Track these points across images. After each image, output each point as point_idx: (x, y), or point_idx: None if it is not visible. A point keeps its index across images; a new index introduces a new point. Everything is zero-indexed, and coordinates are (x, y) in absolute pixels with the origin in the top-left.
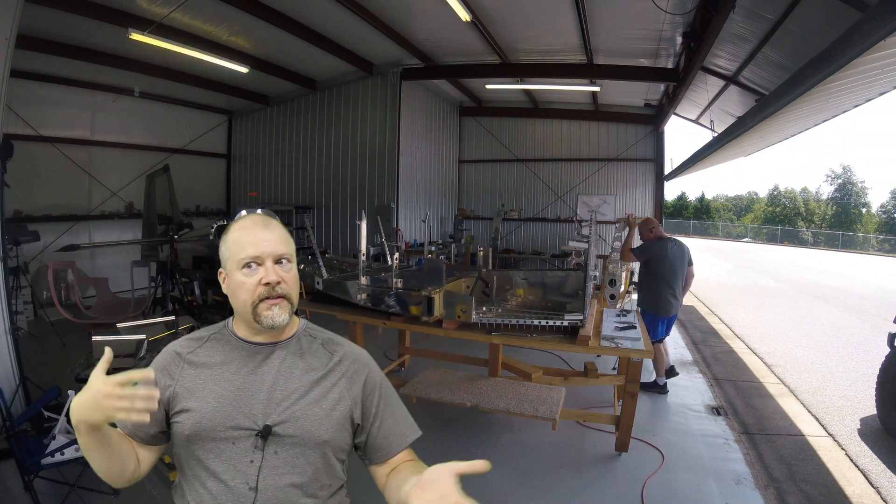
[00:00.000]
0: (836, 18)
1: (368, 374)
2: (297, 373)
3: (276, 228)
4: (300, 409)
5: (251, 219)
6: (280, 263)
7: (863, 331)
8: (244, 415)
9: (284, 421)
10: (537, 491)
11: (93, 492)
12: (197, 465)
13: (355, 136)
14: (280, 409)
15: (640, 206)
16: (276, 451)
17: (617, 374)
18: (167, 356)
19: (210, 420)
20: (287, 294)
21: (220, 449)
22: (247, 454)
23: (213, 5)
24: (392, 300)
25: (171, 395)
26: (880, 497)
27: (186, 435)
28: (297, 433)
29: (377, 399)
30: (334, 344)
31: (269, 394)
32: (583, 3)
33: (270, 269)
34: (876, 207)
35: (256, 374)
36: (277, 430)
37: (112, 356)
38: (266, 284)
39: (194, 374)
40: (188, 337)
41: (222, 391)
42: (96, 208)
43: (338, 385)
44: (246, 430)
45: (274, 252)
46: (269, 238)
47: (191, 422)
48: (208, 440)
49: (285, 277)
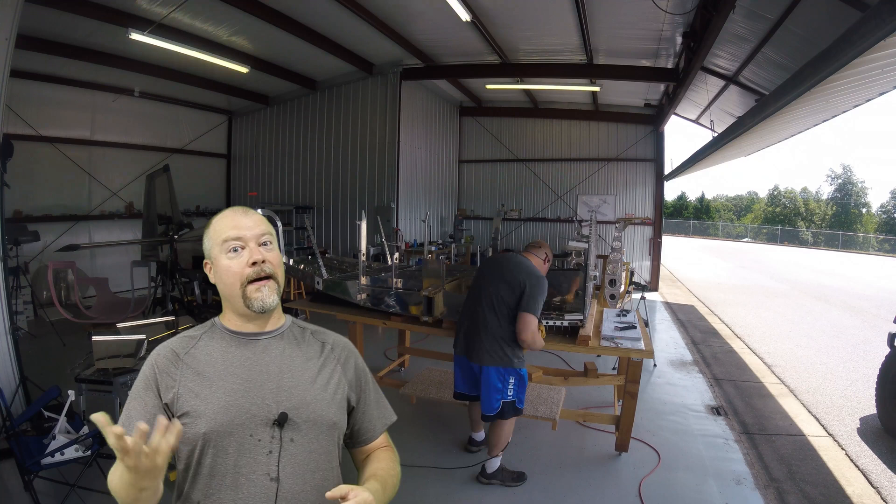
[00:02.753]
0: (836, 18)
1: (356, 360)
2: (298, 361)
3: (254, 215)
4: (311, 395)
5: (230, 209)
6: (264, 245)
7: (863, 331)
8: (258, 405)
9: (297, 407)
10: (537, 491)
11: (93, 492)
12: (213, 463)
13: (355, 136)
14: (291, 396)
15: (640, 206)
16: (292, 439)
17: (617, 374)
18: (166, 356)
19: (225, 415)
20: (273, 274)
21: (239, 443)
22: (265, 445)
23: (213, 5)
24: (392, 300)
25: (174, 397)
26: (880, 497)
27: (203, 433)
28: (311, 417)
29: (363, 384)
30: (321, 334)
31: (277, 382)
32: (583, 3)
33: (255, 249)
34: (876, 207)
35: (261, 365)
36: (293, 417)
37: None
38: (253, 264)
39: (196, 373)
40: (182, 335)
41: (231, 385)
42: (96, 208)
43: (335, 371)
44: (262, 419)
45: (256, 233)
46: (248, 222)
47: (205, 420)
48: (226, 435)
49: (269, 257)
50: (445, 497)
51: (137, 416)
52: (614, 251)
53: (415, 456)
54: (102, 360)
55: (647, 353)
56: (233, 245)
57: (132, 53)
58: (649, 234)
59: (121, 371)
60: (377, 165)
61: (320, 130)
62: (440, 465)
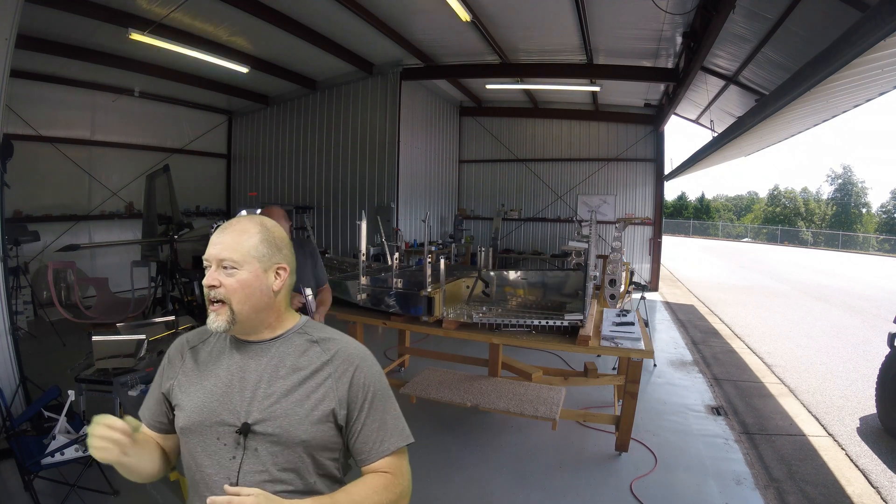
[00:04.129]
0: (836, 18)
1: (355, 373)
2: (283, 371)
3: (230, 234)
4: (281, 409)
5: (228, 221)
6: (224, 269)
7: (863, 331)
8: (228, 411)
9: (265, 419)
10: (537, 490)
11: (93, 492)
12: (189, 458)
13: (355, 136)
14: (262, 408)
15: (640, 206)
16: (256, 449)
17: (617, 374)
18: (178, 347)
19: (198, 414)
20: (225, 299)
21: (207, 444)
22: (229, 450)
23: (213, 5)
24: (392, 300)
25: (170, 388)
26: (880, 497)
27: (180, 427)
28: (276, 432)
29: (362, 401)
30: (329, 342)
31: (253, 391)
32: (583, 3)
33: (212, 273)
34: (876, 207)
35: (245, 372)
36: (256, 429)
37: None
38: (210, 286)
39: (192, 367)
40: (200, 329)
41: (211, 387)
42: (96, 208)
43: (324, 384)
44: (229, 426)
45: (217, 256)
46: (219, 241)
47: (183, 415)
48: (197, 434)
49: (225, 282)
50: (445, 497)
51: (149, 395)
52: (614, 251)
53: (414, 456)
54: (102, 360)
55: (647, 353)
56: (206, 262)
57: (132, 53)
58: (649, 234)
59: (121, 371)
60: (377, 165)
61: (320, 130)
62: (440, 465)
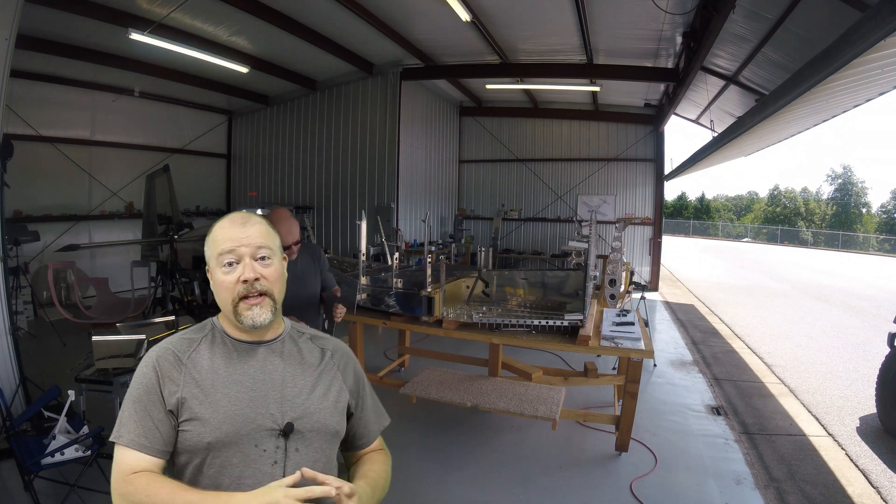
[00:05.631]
0: (836, 18)
1: (355, 366)
2: (299, 369)
3: (254, 224)
4: (313, 404)
5: (230, 217)
6: (261, 260)
7: (863, 331)
8: (263, 415)
9: (301, 416)
10: (537, 491)
11: (93, 492)
12: (217, 474)
13: (355, 136)
14: (295, 406)
15: (640, 206)
16: (297, 449)
17: (617, 374)
18: (168, 359)
19: (231, 424)
20: (268, 290)
21: (245, 454)
22: (270, 456)
23: (213, 5)
24: (392, 300)
25: (178, 402)
26: (880, 497)
27: (207, 443)
28: (315, 427)
29: (361, 389)
30: (321, 339)
31: (280, 392)
32: (583, 3)
33: (248, 265)
34: (876, 207)
35: (264, 374)
36: (298, 427)
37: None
38: (244, 282)
39: (198, 378)
40: (180, 337)
41: (235, 394)
42: (96, 208)
43: (335, 378)
44: (268, 430)
45: (251, 247)
46: (245, 234)
47: (210, 428)
48: (231, 445)
49: (265, 273)
50: (444, 497)
51: (134, 421)
52: (614, 251)
53: (414, 456)
54: (102, 360)
55: (647, 353)
56: (227, 259)
57: (132, 53)
58: (649, 234)
59: (121, 371)
60: (377, 165)
61: (320, 130)
62: (440, 465)
